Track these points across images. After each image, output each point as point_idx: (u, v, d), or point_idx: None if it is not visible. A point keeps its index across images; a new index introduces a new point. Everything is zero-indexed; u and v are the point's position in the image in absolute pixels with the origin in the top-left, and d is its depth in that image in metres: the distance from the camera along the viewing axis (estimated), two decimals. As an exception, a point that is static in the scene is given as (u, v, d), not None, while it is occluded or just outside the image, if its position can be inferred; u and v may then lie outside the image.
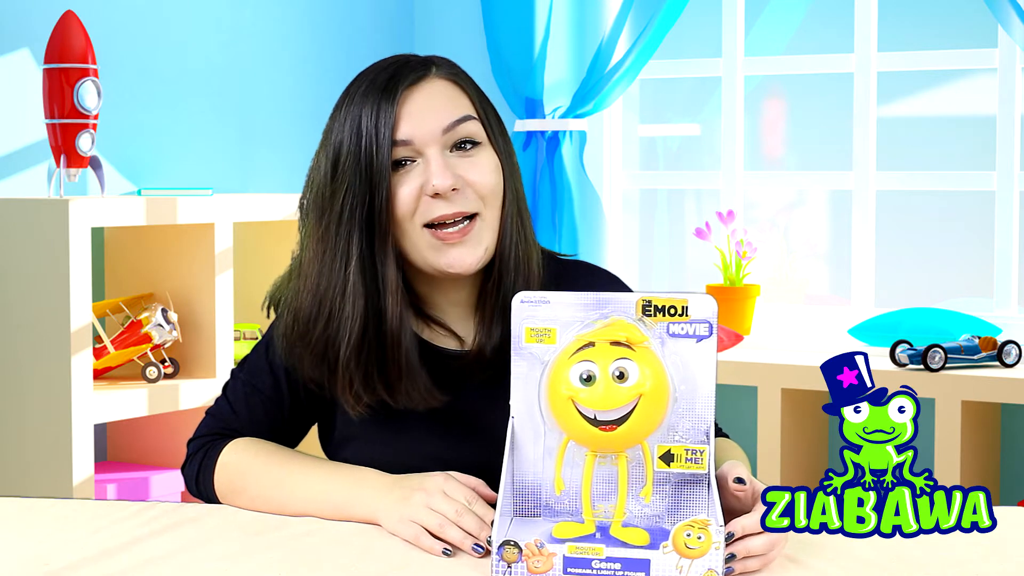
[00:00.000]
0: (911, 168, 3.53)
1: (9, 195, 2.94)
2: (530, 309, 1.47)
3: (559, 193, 3.55)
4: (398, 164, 1.64)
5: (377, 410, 1.67)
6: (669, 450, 1.43)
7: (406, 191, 1.64)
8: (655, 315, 1.44)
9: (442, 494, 1.54)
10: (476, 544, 1.49)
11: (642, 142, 3.87)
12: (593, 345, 1.42)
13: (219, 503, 1.72)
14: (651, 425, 1.42)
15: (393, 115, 1.63)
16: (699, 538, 1.37)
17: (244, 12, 3.42)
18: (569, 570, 1.39)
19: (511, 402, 1.48)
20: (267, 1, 3.47)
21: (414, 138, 1.64)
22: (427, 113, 1.65)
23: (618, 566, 1.38)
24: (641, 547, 1.39)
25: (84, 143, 2.78)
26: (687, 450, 1.43)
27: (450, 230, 1.64)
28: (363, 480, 1.62)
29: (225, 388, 1.79)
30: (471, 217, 1.65)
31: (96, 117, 2.80)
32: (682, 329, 1.43)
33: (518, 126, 3.60)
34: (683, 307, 1.43)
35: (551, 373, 1.44)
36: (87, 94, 2.77)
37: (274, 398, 1.74)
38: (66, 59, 2.76)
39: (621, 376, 1.40)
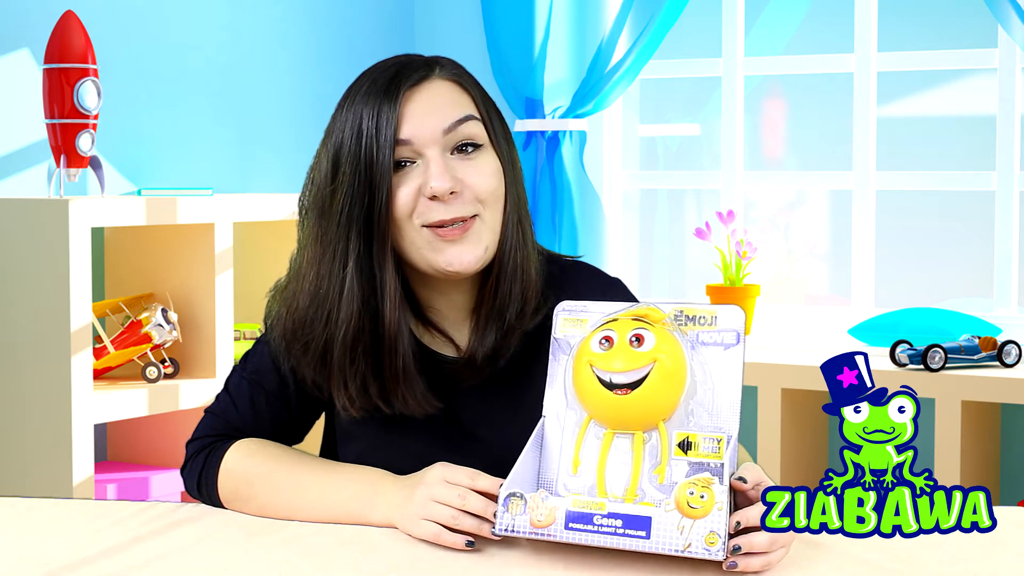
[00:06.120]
0: (911, 168, 3.52)
1: (9, 195, 2.94)
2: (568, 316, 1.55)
3: (559, 193, 3.55)
4: (399, 165, 1.63)
5: (374, 413, 1.66)
6: (687, 438, 1.45)
7: (405, 191, 1.62)
8: (687, 324, 1.49)
9: (443, 482, 1.53)
10: (494, 529, 1.49)
11: (642, 142, 3.87)
12: (615, 320, 1.48)
13: (222, 507, 1.70)
14: (665, 397, 1.44)
15: (395, 115, 1.61)
16: (702, 497, 1.38)
17: (244, 12, 3.42)
18: (571, 525, 1.41)
19: (544, 401, 1.53)
20: (267, 1, 3.47)
21: (415, 138, 1.62)
22: (428, 114, 1.63)
23: (619, 523, 1.40)
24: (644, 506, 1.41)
25: (84, 143, 2.78)
26: (705, 439, 1.45)
27: (449, 228, 1.62)
28: (376, 487, 1.61)
29: (227, 385, 1.76)
30: (470, 218, 1.64)
31: (96, 117, 2.80)
32: (711, 338, 1.49)
33: (518, 126, 3.60)
34: (712, 316, 1.48)
35: (577, 348, 1.49)
36: (87, 94, 2.77)
37: (280, 396, 1.73)
38: (66, 59, 2.76)
39: (638, 340, 1.45)
